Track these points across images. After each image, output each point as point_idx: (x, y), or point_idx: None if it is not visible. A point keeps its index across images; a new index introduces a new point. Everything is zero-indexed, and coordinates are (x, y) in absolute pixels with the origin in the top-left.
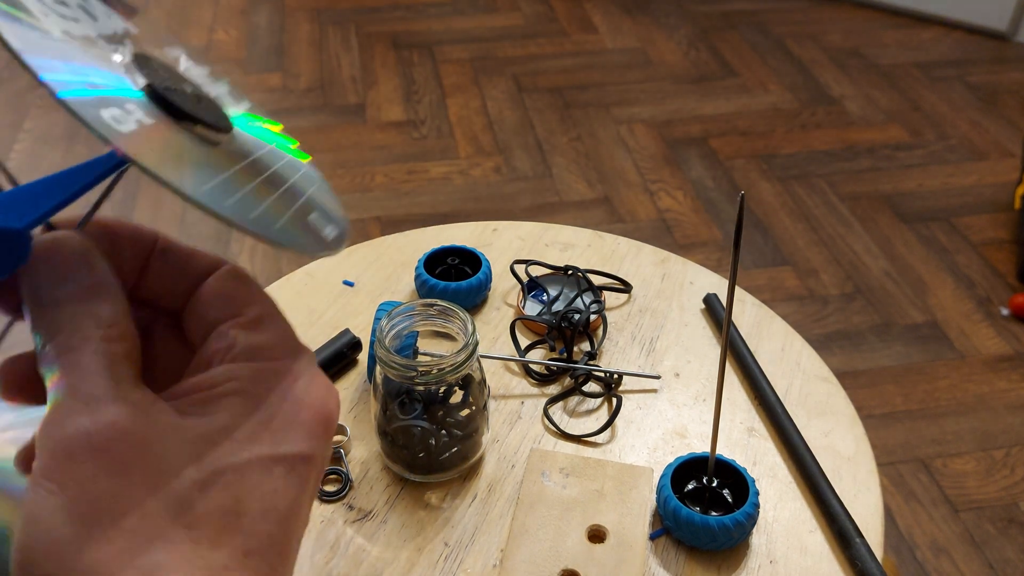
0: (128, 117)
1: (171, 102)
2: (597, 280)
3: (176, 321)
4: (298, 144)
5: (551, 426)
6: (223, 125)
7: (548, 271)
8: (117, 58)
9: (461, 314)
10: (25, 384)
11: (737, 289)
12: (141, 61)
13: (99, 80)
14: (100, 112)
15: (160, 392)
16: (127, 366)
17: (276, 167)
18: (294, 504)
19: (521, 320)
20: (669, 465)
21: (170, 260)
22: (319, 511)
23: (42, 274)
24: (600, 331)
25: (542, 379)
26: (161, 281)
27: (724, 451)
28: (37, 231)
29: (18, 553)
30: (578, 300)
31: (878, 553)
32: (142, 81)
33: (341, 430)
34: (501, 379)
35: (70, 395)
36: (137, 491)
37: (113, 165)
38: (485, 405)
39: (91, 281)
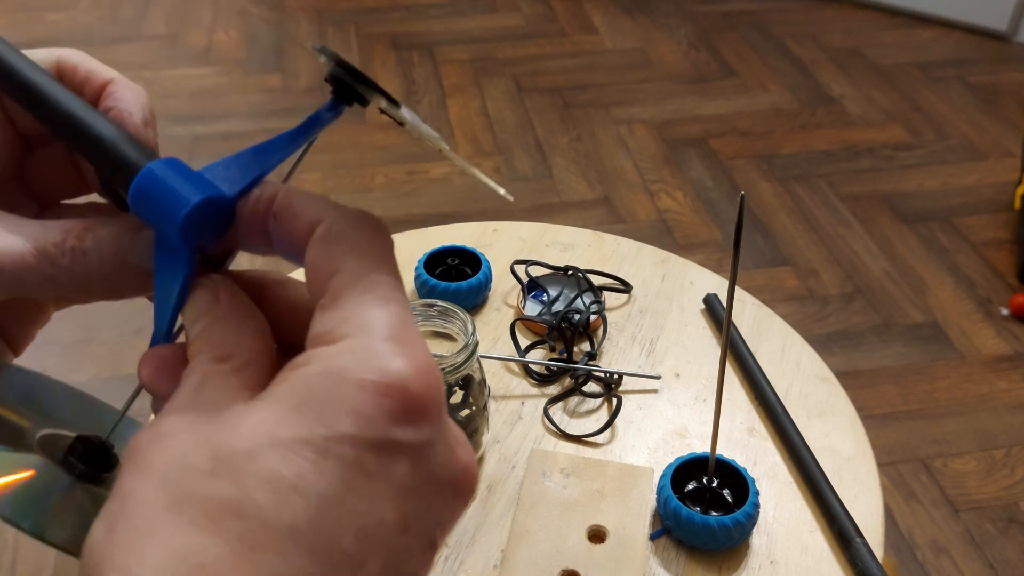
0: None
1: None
2: (597, 280)
3: None
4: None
5: (551, 426)
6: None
7: (548, 271)
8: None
9: (461, 314)
10: (172, 370)
11: (737, 289)
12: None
13: None
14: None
15: None
16: (241, 378)
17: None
18: (335, 495)
19: (521, 320)
20: (669, 465)
21: (282, 221)
22: None
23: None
24: (600, 331)
25: (542, 379)
26: (282, 240)
27: (724, 451)
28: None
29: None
30: (578, 300)
31: (878, 553)
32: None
33: None
34: (501, 379)
35: (171, 409)
36: (150, 485)
37: (310, 132)
38: (485, 405)
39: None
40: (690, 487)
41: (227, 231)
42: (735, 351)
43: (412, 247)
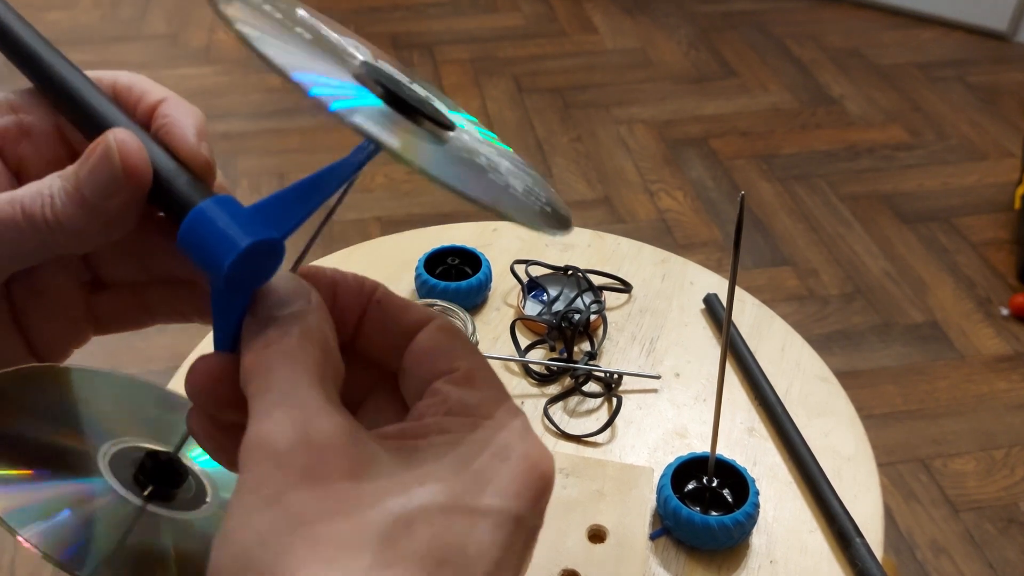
0: (384, 120)
1: (409, 104)
2: (597, 280)
3: (393, 385)
4: (497, 138)
5: (551, 426)
6: (449, 123)
7: (548, 271)
8: (349, 63)
9: (461, 314)
10: (216, 386)
11: (737, 289)
12: (369, 68)
13: (349, 90)
14: (355, 119)
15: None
16: (333, 388)
17: (499, 157)
18: (498, 567)
19: (521, 320)
20: (669, 465)
21: (386, 311)
22: None
23: (262, 298)
24: (600, 331)
25: (542, 379)
26: (375, 333)
27: (724, 451)
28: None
29: (219, 553)
30: (578, 300)
31: (878, 553)
32: (377, 87)
33: None
34: (501, 379)
35: (280, 403)
36: (341, 513)
37: (358, 164)
38: None
39: (308, 307)
40: (690, 487)
41: (274, 271)
42: (735, 351)
43: (412, 247)
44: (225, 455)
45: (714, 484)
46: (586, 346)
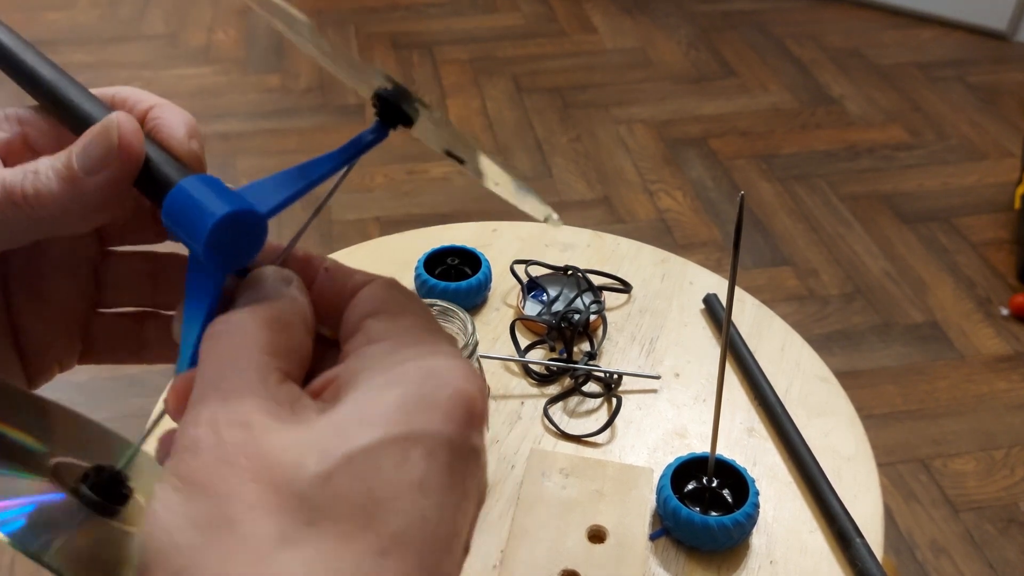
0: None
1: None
2: (597, 280)
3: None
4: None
5: (551, 426)
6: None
7: (548, 271)
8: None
9: (461, 314)
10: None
11: (737, 289)
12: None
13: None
14: None
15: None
16: (284, 362)
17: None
18: (443, 500)
19: (521, 320)
20: (669, 465)
21: (334, 277)
22: None
23: (242, 291)
24: (600, 331)
25: (542, 379)
26: (323, 301)
27: (724, 451)
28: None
29: (142, 552)
30: (578, 300)
31: (878, 553)
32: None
33: None
34: (501, 379)
35: (211, 387)
36: (257, 490)
37: (350, 155)
38: None
39: (283, 291)
40: (690, 487)
41: (257, 251)
42: (735, 351)
43: (412, 247)
44: None
45: (714, 484)
46: (586, 346)
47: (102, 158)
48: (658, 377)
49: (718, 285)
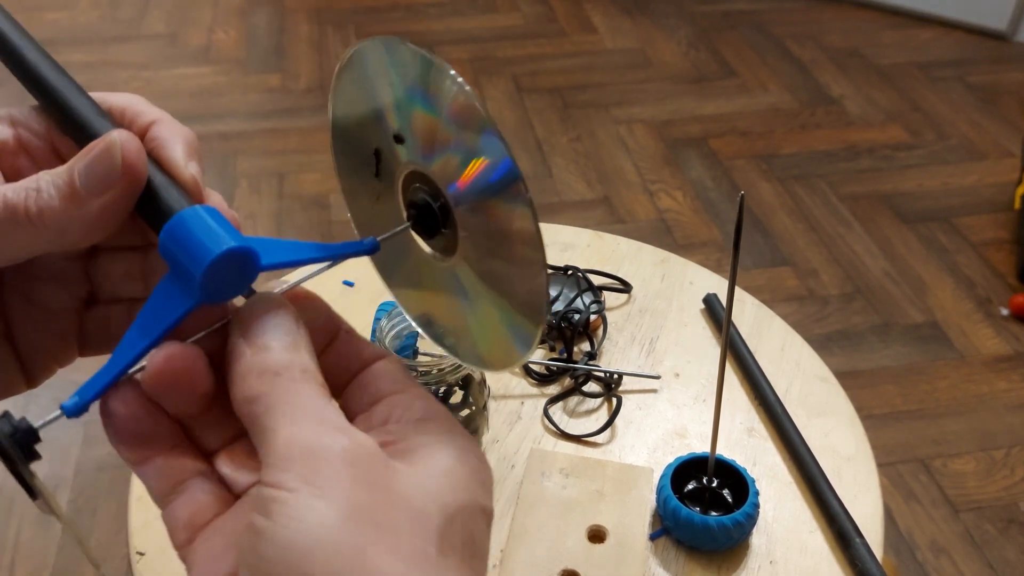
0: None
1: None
2: (597, 280)
3: None
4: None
5: (551, 426)
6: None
7: (548, 271)
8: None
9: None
10: (195, 379)
11: (737, 289)
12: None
13: None
14: None
15: None
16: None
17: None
18: (486, 551)
19: None
20: (669, 465)
21: (351, 343)
22: None
23: (254, 319)
24: (600, 331)
25: (542, 379)
26: (338, 360)
27: (724, 451)
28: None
29: (279, 550)
30: (578, 300)
31: (878, 553)
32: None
33: None
34: (501, 379)
35: (309, 417)
36: (393, 510)
37: (361, 252)
38: (485, 405)
39: (299, 335)
40: (690, 487)
41: (242, 292)
42: (735, 351)
43: None
44: (127, 446)
45: (714, 484)
46: (586, 346)
47: (105, 179)
48: (658, 377)
49: (718, 285)
